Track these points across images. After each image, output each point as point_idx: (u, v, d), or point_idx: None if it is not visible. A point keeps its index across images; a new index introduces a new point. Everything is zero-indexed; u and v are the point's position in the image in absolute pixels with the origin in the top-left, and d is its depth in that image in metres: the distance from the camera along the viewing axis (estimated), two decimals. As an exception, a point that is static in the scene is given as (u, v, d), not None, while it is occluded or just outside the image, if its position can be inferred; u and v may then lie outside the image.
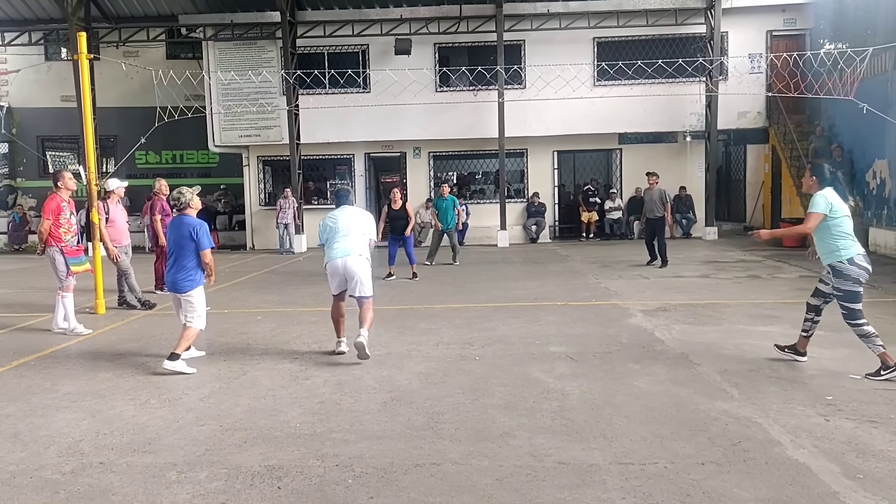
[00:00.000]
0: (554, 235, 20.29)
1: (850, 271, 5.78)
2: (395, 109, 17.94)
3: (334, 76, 17.48)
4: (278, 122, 19.18)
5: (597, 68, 18.64)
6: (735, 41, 18.86)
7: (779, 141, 18.31)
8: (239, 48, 19.49)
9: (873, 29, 15.28)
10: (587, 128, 18.90)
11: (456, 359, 6.79)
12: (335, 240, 6.88)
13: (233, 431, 4.92)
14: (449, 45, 19.54)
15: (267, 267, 15.36)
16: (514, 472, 4.09)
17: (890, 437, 4.47)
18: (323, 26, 19.10)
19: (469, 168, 21.51)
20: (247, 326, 8.64)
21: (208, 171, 22.58)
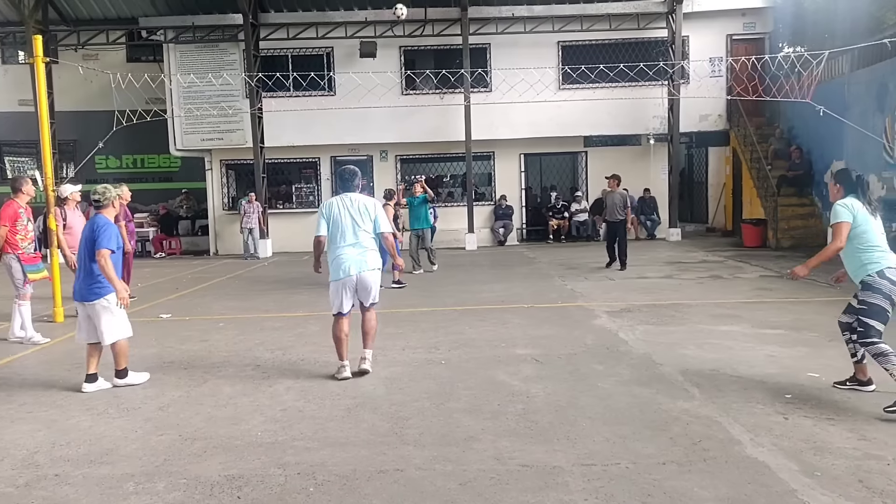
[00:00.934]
0: (521, 238, 20.36)
1: (881, 285, 5.12)
2: (360, 112, 17.86)
3: (298, 79, 17.35)
4: (241, 126, 18.99)
5: (561, 72, 18.77)
6: (696, 45, 19.11)
7: (739, 143, 18.58)
8: (200, 51, 19.27)
9: (831, 33, 15.59)
10: (553, 131, 19.00)
11: (422, 363, 6.76)
12: (341, 245, 6.13)
13: (192, 441, 4.84)
14: (414, 48, 19.53)
15: (230, 272, 15.19)
16: (478, 476, 4.08)
17: (847, 434, 4.54)
18: (286, 28, 18.97)
19: (436, 171, 21.49)
20: (208, 334, 8.52)
21: (170, 175, 22.30)
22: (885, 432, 4.54)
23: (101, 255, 5.93)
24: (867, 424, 4.69)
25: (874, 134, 13.36)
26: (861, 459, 4.13)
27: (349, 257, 6.10)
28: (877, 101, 13.71)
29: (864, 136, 13.56)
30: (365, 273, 6.14)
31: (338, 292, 6.17)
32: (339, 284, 6.15)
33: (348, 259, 6.10)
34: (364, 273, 6.13)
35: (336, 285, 6.16)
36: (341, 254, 6.12)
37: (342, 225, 6.13)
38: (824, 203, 16.16)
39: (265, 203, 18.87)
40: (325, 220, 6.22)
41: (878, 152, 13.59)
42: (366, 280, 6.17)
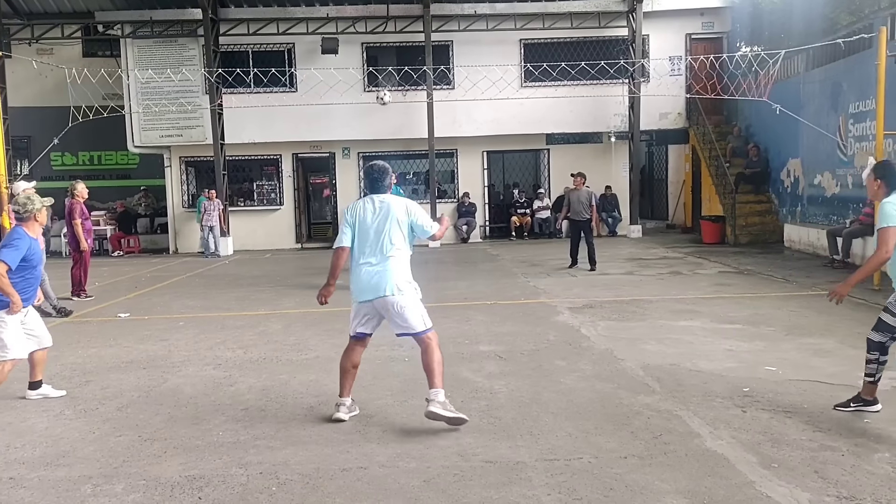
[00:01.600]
0: (485, 235, 20.41)
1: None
2: (323, 109, 17.74)
3: (258, 75, 17.16)
4: (201, 122, 18.71)
5: (524, 69, 18.85)
6: (656, 44, 19.33)
7: (698, 141, 18.86)
8: (159, 46, 18.92)
9: (787, 33, 15.90)
10: (515, 128, 19.08)
11: (385, 361, 6.74)
12: (360, 260, 4.98)
13: (152, 442, 4.76)
14: (377, 45, 19.44)
15: (191, 271, 14.98)
16: (442, 473, 4.08)
17: (803, 426, 4.64)
18: (247, 24, 18.74)
19: (399, 168, 21.41)
20: (168, 333, 8.39)
21: (128, 172, 21.90)
22: (840, 424, 4.65)
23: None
24: (822, 417, 4.79)
25: (828, 132, 13.67)
26: (816, 451, 4.22)
27: (368, 277, 4.94)
28: (831, 100, 14.03)
29: (818, 135, 13.86)
30: (389, 298, 4.88)
31: (356, 313, 5.10)
32: (357, 307, 5.09)
33: (367, 279, 4.94)
34: (388, 298, 4.88)
35: (355, 307, 5.11)
36: (360, 272, 4.98)
37: (366, 235, 4.99)
38: (780, 200, 16.50)
39: (226, 201, 18.64)
40: (349, 227, 5.06)
41: (832, 150, 13.90)
42: (391, 305, 4.90)
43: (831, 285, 9.91)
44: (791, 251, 14.54)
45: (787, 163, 16.11)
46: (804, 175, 15.30)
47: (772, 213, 16.71)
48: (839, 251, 11.94)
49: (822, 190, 14.43)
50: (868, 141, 12.35)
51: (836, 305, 5.13)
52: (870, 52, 11.56)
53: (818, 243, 13.47)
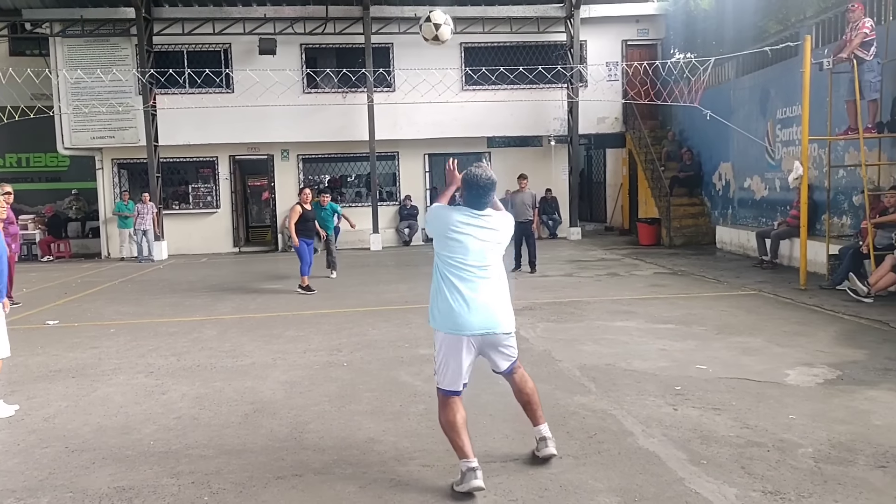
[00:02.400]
0: (427, 238, 20.41)
1: None
2: (261, 111, 17.49)
3: (193, 76, 16.81)
4: (134, 123, 18.24)
5: (464, 73, 18.93)
6: (593, 50, 19.66)
7: (635, 145, 19.25)
8: (90, 45, 18.37)
9: (719, 40, 16.36)
10: (457, 131, 19.15)
11: (323, 366, 6.68)
12: (467, 282, 4.00)
13: (80, 452, 4.62)
14: (316, 46, 19.27)
15: (123, 276, 14.58)
16: (379, 479, 4.06)
17: (731, 423, 4.77)
18: (181, 24, 18.33)
19: (340, 171, 21.29)
20: (99, 340, 8.14)
21: (58, 175, 21.25)
22: (766, 420, 4.79)
23: None
24: (749, 413, 4.93)
25: (757, 137, 14.11)
26: (744, 447, 4.34)
27: (475, 302, 3.96)
28: (759, 106, 14.49)
29: (748, 139, 14.30)
30: (500, 334, 4.09)
31: (454, 353, 3.92)
32: (457, 341, 3.92)
33: (473, 305, 3.95)
34: (498, 332, 4.06)
35: (452, 342, 3.93)
36: (464, 295, 3.98)
37: (472, 252, 4.04)
38: (713, 203, 16.96)
39: (160, 204, 18.21)
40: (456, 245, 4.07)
41: (761, 154, 14.36)
42: (500, 339, 4.12)
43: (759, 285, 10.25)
44: (723, 252, 14.96)
45: (718, 167, 16.57)
46: (735, 178, 15.76)
47: (705, 216, 17.17)
48: (768, 252, 12.34)
49: (752, 193, 14.89)
50: (794, 146, 12.80)
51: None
52: (796, 60, 11.99)
53: (748, 244, 13.89)
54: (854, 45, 9.79)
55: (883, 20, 10.82)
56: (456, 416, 3.92)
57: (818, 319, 8.06)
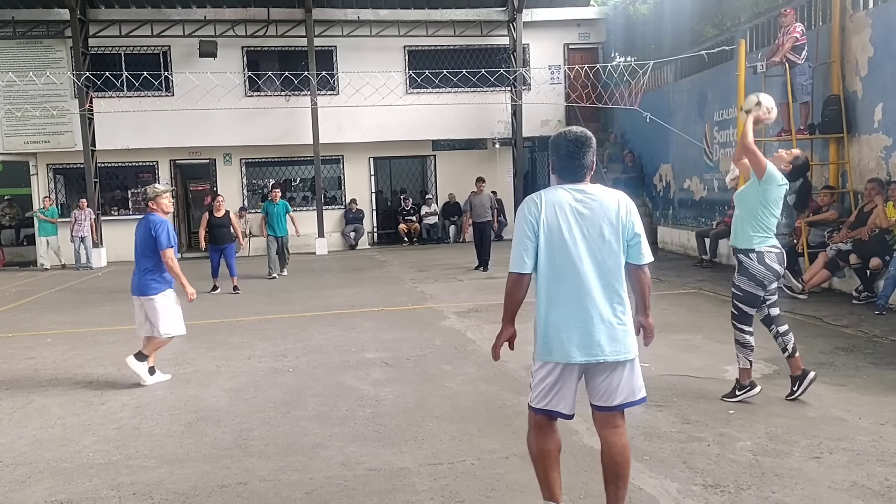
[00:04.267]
0: (373, 241, 20.35)
1: (755, 270, 5.13)
2: (202, 114, 17.15)
3: (130, 79, 16.42)
4: (70, 127, 17.71)
5: (408, 76, 18.93)
6: (536, 53, 19.85)
7: (579, 147, 19.45)
8: (22, 47, 17.76)
9: (658, 44, 16.70)
10: (402, 134, 19.13)
11: (268, 372, 6.60)
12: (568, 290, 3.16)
13: (15, 467, 4.47)
14: (258, 49, 19.02)
15: (60, 284, 14.15)
16: (325, 484, 4.03)
17: (673, 419, 4.87)
18: (119, 25, 17.88)
19: (284, 175, 21.09)
20: (34, 351, 7.89)
21: (-10, 180, 20.48)
22: (706, 415, 4.91)
23: None
24: (690, 409, 5.05)
25: (695, 139, 14.45)
26: (685, 442, 4.44)
27: (583, 320, 3.14)
28: (697, 109, 14.84)
29: (686, 142, 14.64)
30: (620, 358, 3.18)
31: (555, 381, 3.23)
32: (560, 370, 3.22)
33: (584, 324, 3.14)
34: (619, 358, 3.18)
35: (552, 370, 3.23)
36: (567, 313, 3.17)
37: (570, 248, 3.15)
38: (654, 203, 17.30)
39: (98, 210, 17.71)
40: (531, 237, 3.20)
41: (699, 156, 14.71)
42: (616, 371, 3.22)
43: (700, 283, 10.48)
44: (664, 252, 15.27)
45: (659, 168, 16.92)
46: (675, 180, 16.11)
47: (646, 216, 17.48)
48: (707, 251, 12.64)
49: (691, 194, 15.25)
50: (731, 147, 13.15)
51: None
52: (731, 64, 12.31)
53: (689, 244, 14.21)
54: (786, 49, 10.10)
55: (813, 25, 11.21)
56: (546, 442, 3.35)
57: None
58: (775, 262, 5.12)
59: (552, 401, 3.24)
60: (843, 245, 9.17)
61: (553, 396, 3.23)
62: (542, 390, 3.25)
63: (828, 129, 10.43)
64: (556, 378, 3.21)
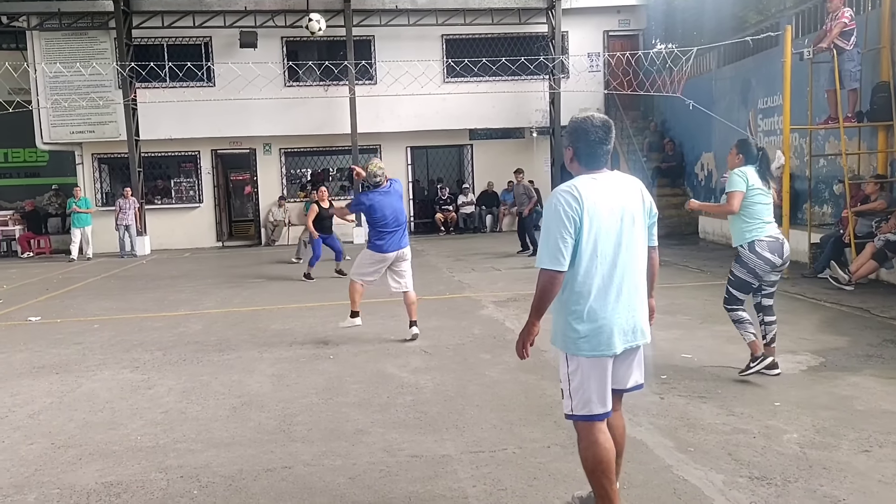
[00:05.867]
0: (409, 230, 20.35)
1: (748, 258, 5.40)
2: (242, 104, 17.35)
3: (174, 69, 16.66)
4: (115, 118, 18.06)
5: (446, 65, 18.89)
6: (575, 40, 19.68)
7: (617, 136, 19.22)
8: (68, 38, 18.14)
9: (699, 30, 16.43)
10: (439, 124, 19.13)
11: (310, 359, 6.67)
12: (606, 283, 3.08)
13: (66, 449, 4.58)
14: (297, 39, 19.15)
15: (106, 272, 14.45)
16: (368, 470, 4.06)
17: (717, 410, 4.81)
18: (161, 16, 18.14)
19: (322, 164, 21.23)
20: (82, 336, 8.08)
21: (37, 170, 20.97)
22: (752, 407, 4.84)
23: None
24: (735, 401, 4.98)
25: (739, 127, 14.19)
26: (730, 434, 4.39)
27: (625, 310, 3.12)
28: (741, 96, 14.58)
29: (730, 129, 14.36)
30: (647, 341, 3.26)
31: (599, 377, 3.11)
32: (604, 365, 3.11)
33: (624, 313, 3.11)
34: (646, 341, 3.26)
35: (598, 365, 3.09)
36: (610, 305, 3.09)
37: (608, 239, 3.08)
38: (695, 193, 17.03)
39: (142, 199, 18.05)
40: (571, 232, 3.05)
41: (742, 144, 14.43)
42: (636, 354, 3.28)
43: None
44: (706, 242, 15.06)
45: (700, 157, 16.67)
46: (717, 168, 15.85)
47: (687, 206, 17.25)
48: (750, 241, 12.41)
49: (734, 183, 14.97)
50: (776, 135, 12.90)
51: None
52: (776, 50, 12.07)
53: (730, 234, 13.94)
54: (834, 35, 9.86)
55: (862, 10, 10.92)
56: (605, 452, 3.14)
57: (801, 307, 8.15)
58: (766, 250, 5.32)
59: (601, 400, 3.11)
60: (891, 235, 8.97)
61: (602, 394, 3.11)
62: (587, 392, 3.09)
63: (876, 116, 10.16)
64: (602, 373, 3.11)
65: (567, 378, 3.17)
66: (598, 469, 3.14)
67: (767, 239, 5.32)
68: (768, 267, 5.34)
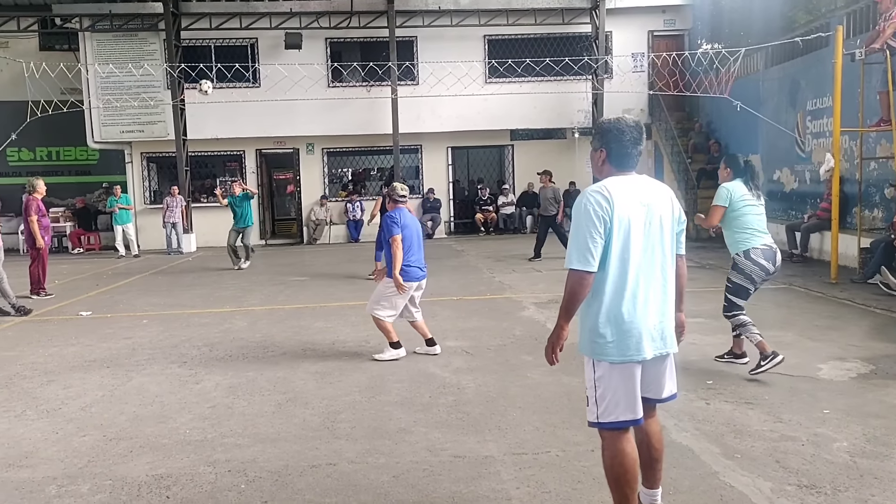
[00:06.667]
0: (450, 231, 20.45)
1: (744, 265, 5.63)
2: (286, 105, 17.58)
3: (222, 70, 16.97)
4: (163, 118, 18.44)
5: (488, 66, 18.90)
6: (619, 40, 19.52)
7: (661, 137, 19.09)
8: (119, 40, 18.58)
9: (747, 30, 16.16)
10: (480, 124, 19.14)
11: (352, 357, 6.74)
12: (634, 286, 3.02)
13: (117, 441, 4.70)
14: (341, 41, 19.35)
15: (154, 268, 14.76)
16: (411, 468, 4.10)
17: (764, 417, 4.75)
18: (209, 18, 18.49)
19: (364, 164, 21.39)
20: (132, 331, 8.27)
21: (88, 168, 21.47)
22: (800, 414, 4.76)
23: None
24: (782, 407, 4.91)
25: (787, 129, 13.94)
26: (777, 441, 4.32)
27: (654, 315, 3.06)
28: (789, 97, 14.31)
29: (777, 131, 14.13)
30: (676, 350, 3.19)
31: (626, 383, 3.06)
32: (632, 371, 3.06)
33: (654, 318, 3.06)
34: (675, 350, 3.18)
35: (625, 371, 3.05)
36: (640, 309, 3.03)
37: (637, 242, 3.03)
38: (741, 195, 16.76)
39: (189, 197, 18.40)
40: (602, 233, 2.98)
41: (790, 146, 14.18)
42: (667, 363, 3.21)
43: (790, 279, 10.14)
44: (751, 245, 14.79)
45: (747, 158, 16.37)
46: (763, 171, 15.58)
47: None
48: (798, 245, 12.21)
49: (781, 185, 14.72)
50: (825, 137, 12.63)
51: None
52: (827, 51, 11.81)
53: (777, 238, 13.64)
54: (887, 36, 9.62)
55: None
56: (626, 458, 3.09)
57: (850, 313, 7.98)
58: (761, 258, 5.57)
59: (629, 407, 3.05)
60: (946, 241, 8.73)
61: (630, 401, 3.05)
62: (615, 398, 3.05)
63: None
64: (630, 380, 3.05)
65: (593, 384, 3.12)
66: (622, 479, 3.06)
67: (762, 247, 5.60)
68: (763, 273, 5.62)
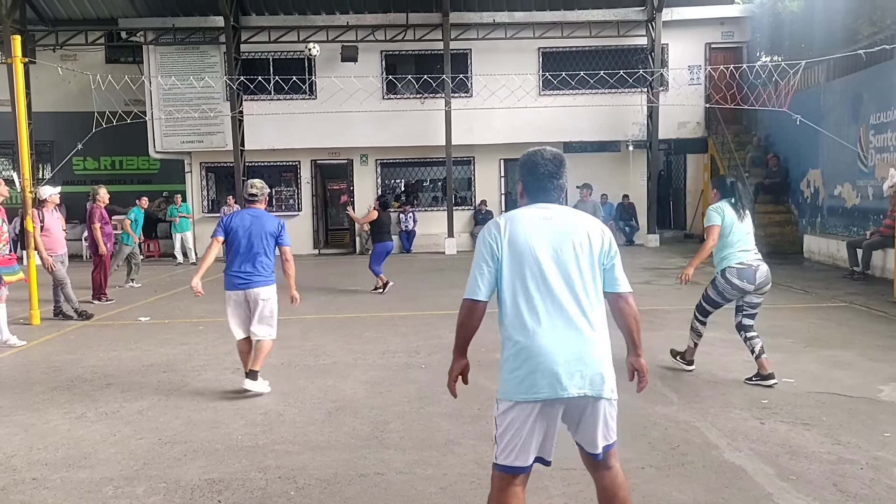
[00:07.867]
0: (501, 243, 20.39)
1: (717, 283, 6.00)
2: (341, 116, 17.85)
3: (279, 82, 17.32)
4: (222, 129, 18.91)
5: (542, 78, 18.88)
6: (675, 53, 19.30)
7: (717, 150, 18.78)
8: (181, 53, 19.14)
9: (807, 43, 15.81)
10: (533, 136, 18.94)
11: (402, 367, 6.78)
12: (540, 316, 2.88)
13: (172, 444, 4.82)
14: (396, 53, 19.56)
15: (210, 276, 14.99)
16: (459, 480, 4.10)
17: (822, 438, 4.61)
18: (268, 32, 18.92)
19: (416, 175, 21.53)
20: (188, 337, 8.47)
21: (149, 177, 22.11)
22: (859, 436, 4.62)
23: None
24: (841, 429, 4.76)
25: (849, 143, 13.57)
26: (835, 464, 4.20)
27: (565, 351, 2.80)
28: (851, 111, 13.93)
29: (839, 145, 13.77)
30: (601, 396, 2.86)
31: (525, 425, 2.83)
32: (532, 412, 2.82)
33: (565, 356, 2.80)
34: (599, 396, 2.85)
35: (524, 411, 2.83)
36: (546, 346, 2.81)
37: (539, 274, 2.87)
38: (800, 210, 16.39)
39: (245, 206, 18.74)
40: (490, 262, 2.99)
41: (852, 161, 13.80)
42: (599, 410, 2.90)
43: (850, 297, 9.85)
44: (810, 262, 14.44)
45: (806, 173, 16.00)
46: (824, 186, 15.19)
47: (791, 224, 16.59)
48: (859, 263, 11.85)
49: (843, 201, 14.33)
50: (889, 152, 12.27)
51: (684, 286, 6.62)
52: (891, 63, 11.50)
53: (838, 254, 13.37)
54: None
55: None
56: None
57: (914, 334, 7.71)
58: (735, 276, 5.81)
59: (523, 451, 2.83)
60: None
61: (526, 446, 2.82)
62: (514, 440, 2.82)
63: None
64: (532, 421, 2.80)
65: (495, 422, 2.92)
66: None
67: (738, 266, 5.81)
68: (737, 292, 5.90)
